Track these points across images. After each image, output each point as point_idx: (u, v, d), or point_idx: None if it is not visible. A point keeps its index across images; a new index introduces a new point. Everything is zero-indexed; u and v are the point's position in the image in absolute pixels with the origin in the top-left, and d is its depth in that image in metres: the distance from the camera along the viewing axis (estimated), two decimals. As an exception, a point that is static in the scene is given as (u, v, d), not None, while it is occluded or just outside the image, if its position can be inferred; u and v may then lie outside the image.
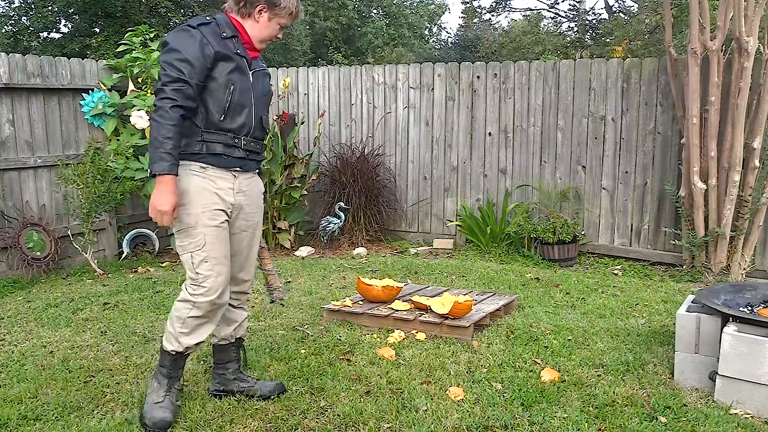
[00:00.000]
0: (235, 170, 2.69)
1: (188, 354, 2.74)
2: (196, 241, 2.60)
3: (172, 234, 6.64)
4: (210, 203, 2.61)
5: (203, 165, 2.62)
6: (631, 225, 5.78)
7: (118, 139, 5.64)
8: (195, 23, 2.60)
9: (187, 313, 2.63)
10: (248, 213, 2.78)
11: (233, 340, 2.93)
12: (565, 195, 5.94)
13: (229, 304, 2.83)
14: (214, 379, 2.94)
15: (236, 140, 2.66)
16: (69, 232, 5.42)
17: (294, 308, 4.26)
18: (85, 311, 4.25)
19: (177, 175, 2.51)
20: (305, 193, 6.39)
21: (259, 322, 3.98)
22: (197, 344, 2.69)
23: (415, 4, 19.53)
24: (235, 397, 2.87)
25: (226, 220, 2.68)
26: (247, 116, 2.68)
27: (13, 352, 3.52)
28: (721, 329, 2.84)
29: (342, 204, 6.27)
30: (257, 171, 2.87)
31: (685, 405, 2.80)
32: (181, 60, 2.49)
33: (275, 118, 6.39)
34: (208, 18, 2.68)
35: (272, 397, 2.86)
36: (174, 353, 2.69)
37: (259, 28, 2.69)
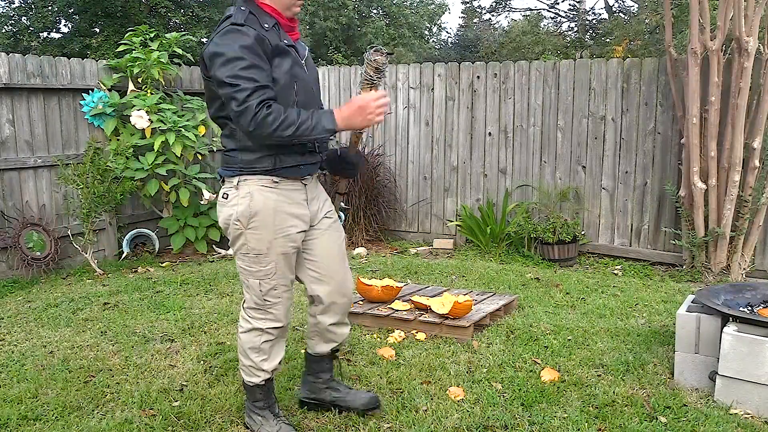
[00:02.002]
0: (306, 178, 2.43)
1: (275, 374, 2.61)
2: (266, 270, 2.38)
3: (173, 234, 6.59)
4: (285, 227, 2.36)
5: (276, 179, 2.34)
6: (631, 225, 5.78)
7: (118, 139, 5.64)
8: (241, 19, 2.23)
9: (259, 341, 2.47)
10: (326, 211, 2.57)
11: (328, 353, 2.71)
12: (565, 195, 5.94)
13: (334, 324, 2.60)
14: (304, 386, 2.77)
15: (311, 145, 2.38)
16: (69, 232, 5.42)
17: (294, 308, 4.26)
18: (85, 311, 4.25)
19: (329, 111, 2.25)
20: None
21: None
22: (280, 362, 2.56)
23: (415, 4, 19.52)
24: (326, 407, 2.73)
25: (300, 239, 2.44)
26: None
27: (13, 352, 3.52)
28: (721, 329, 2.84)
29: (342, 204, 6.27)
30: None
31: (685, 405, 2.80)
32: (247, 67, 2.16)
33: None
34: (243, 9, 2.29)
35: (367, 413, 2.66)
36: (263, 383, 2.54)
37: None
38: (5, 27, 11.95)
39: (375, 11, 18.10)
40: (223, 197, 2.38)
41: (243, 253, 2.39)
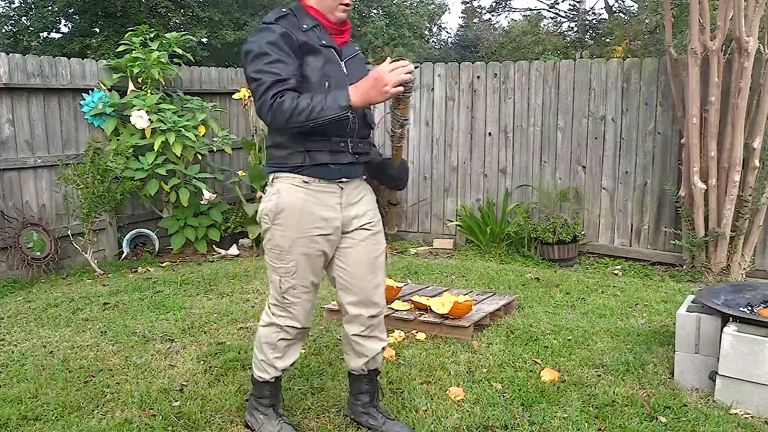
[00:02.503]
0: (342, 181, 2.38)
1: (284, 374, 2.60)
2: (287, 267, 2.38)
3: (173, 234, 6.58)
4: (309, 228, 2.34)
5: (306, 179, 2.33)
6: (631, 225, 5.78)
7: (118, 139, 5.64)
8: (273, 17, 2.30)
9: (276, 337, 2.47)
10: (364, 222, 2.47)
11: (365, 373, 2.62)
12: (565, 195, 5.94)
13: (359, 335, 2.53)
14: (347, 404, 2.74)
15: (342, 144, 2.33)
16: (69, 232, 5.42)
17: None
18: (85, 311, 4.25)
19: (346, 88, 2.19)
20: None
21: (258, 322, 3.97)
22: (293, 364, 2.54)
23: (415, 4, 19.52)
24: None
25: (329, 244, 2.40)
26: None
27: (13, 352, 3.52)
28: (721, 329, 2.84)
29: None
30: (364, 176, 2.53)
31: (685, 405, 2.80)
32: (271, 62, 2.19)
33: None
34: (284, 9, 2.35)
35: None
36: (272, 380, 2.54)
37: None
38: (5, 27, 11.96)
39: (375, 11, 18.09)
40: (263, 192, 2.43)
41: (269, 249, 2.41)
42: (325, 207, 2.36)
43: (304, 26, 2.29)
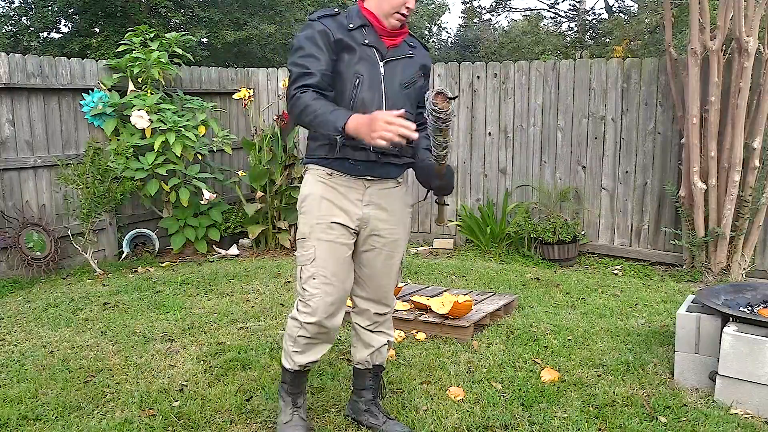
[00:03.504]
0: (367, 178, 2.40)
1: (308, 370, 2.58)
2: (307, 254, 2.38)
3: (173, 234, 6.58)
4: (327, 215, 2.37)
5: (329, 171, 2.38)
6: (631, 225, 5.78)
7: (118, 139, 5.64)
8: (317, 15, 2.38)
9: (296, 332, 2.43)
10: (383, 229, 2.46)
11: (370, 367, 2.64)
12: (565, 195, 5.94)
13: (365, 327, 2.59)
14: (348, 403, 2.75)
15: (361, 140, 2.29)
16: (69, 232, 5.42)
17: (294, 308, 4.26)
18: (85, 311, 4.25)
19: (352, 113, 2.20)
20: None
21: (259, 322, 3.98)
22: (313, 362, 2.51)
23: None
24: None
25: (349, 235, 2.41)
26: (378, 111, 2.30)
27: (13, 352, 3.52)
28: (721, 329, 2.84)
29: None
30: (398, 179, 2.51)
31: (685, 405, 2.80)
32: (304, 56, 2.29)
33: (275, 118, 6.40)
34: (336, 9, 2.43)
35: None
36: (292, 371, 2.52)
37: (380, 2, 2.36)
38: (5, 27, 11.95)
39: (375, 11, 18.11)
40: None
41: (297, 239, 2.47)
42: (346, 200, 2.39)
43: (351, 25, 2.36)
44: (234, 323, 3.97)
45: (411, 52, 2.47)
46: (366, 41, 2.36)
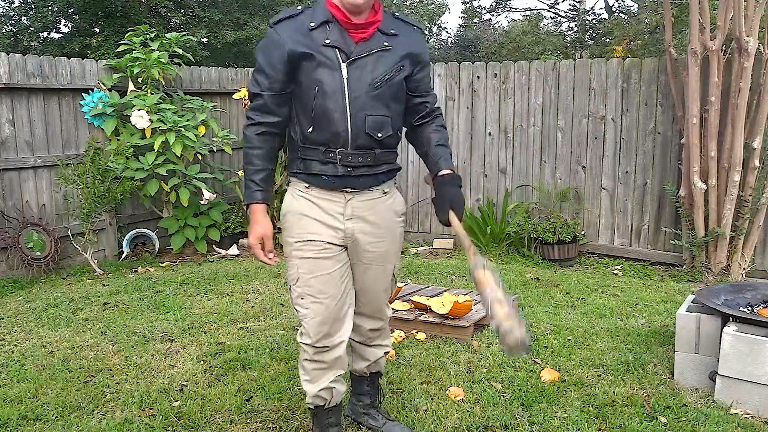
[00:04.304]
0: (347, 190, 2.23)
1: (333, 409, 2.39)
2: (292, 275, 2.28)
3: (173, 234, 6.59)
4: (305, 232, 2.23)
5: (306, 184, 2.25)
6: (631, 225, 5.78)
7: (118, 139, 5.64)
8: (276, 19, 2.19)
9: (302, 356, 2.33)
10: (370, 242, 2.30)
11: (367, 375, 2.59)
12: (565, 195, 5.94)
13: (360, 342, 2.51)
14: (348, 404, 2.70)
15: (331, 155, 2.18)
16: (69, 232, 5.42)
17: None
18: (85, 311, 4.25)
19: (264, 203, 2.22)
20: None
21: (259, 322, 3.98)
22: (320, 394, 2.33)
23: (415, 4, 19.52)
24: (362, 430, 2.65)
25: (335, 249, 2.25)
26: (337, 123, 2.15)
27: (13, 352, 3.52)
28: (721, 329, 2.84)
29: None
30: (383, 189, 2.31)
31: (685, 405, 2.81)
32: (257, 71, 2.20)
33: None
34: (299, 8, 2.22)
35: None
36: (311, 408, 2.39)
37: None
38: (5, 27, 11.94)
39: (375, 11, 18.10)
40: None
41: (284, 256, 2.35)
42: (326, 214, 2.24)
43: (312, 24, 2.15)
44: (234, 323, 3.97)
45: (387, 43, 2.20)
46: (327, 41, 2.13)
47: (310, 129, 2.18)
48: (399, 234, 2.41)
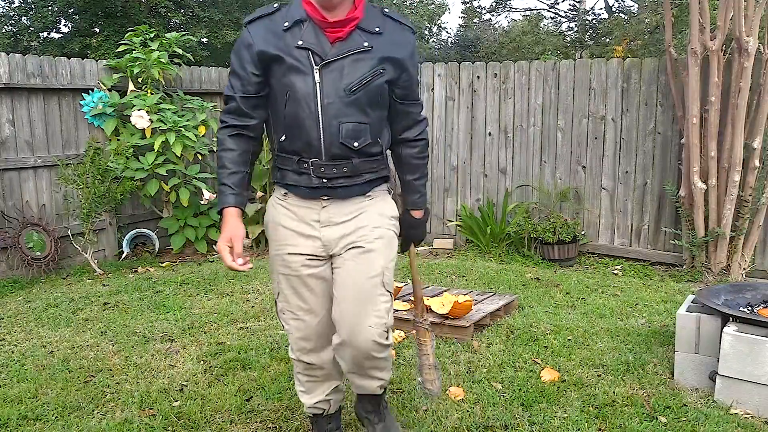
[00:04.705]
0: (324, 200, 2.10)
1: (330, 415, 2.36)
2: (274, 287, 2.19)
3: (173, 234, 6.57)
4: (283, 245, 2.12)
5: (284, 191, 2.14)
6: (631, 225, 5.78)
7: (118, 139, 5.64)
8: (249, 18, 2.05)
9: (295, 368, 2.30)
10: (356, 240, 2.10)
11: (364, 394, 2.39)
12: (565, 195, 5.94)
13: (348, 371, 2.24)
14: (354, 402, 2.54)
15: (304, 165, 2.05)
16: (69, 232, 5.42)
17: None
18: (85, 311, 4.25)
19: (237, 207, 2.06)
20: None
21: (259, 322, 3.98)
22: (321, 402, 2.30)
23: (415, 4, 19.52)
24: (361, 430, 2.55)
25: (315, 261, 2.12)
26: (308, 131, 2.00)
27: (13, 352, 3.52)
28: (721, 329, 2.84)
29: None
30: (367, 194, 2.14)
31: (685, 405, 2.80)
32: (231, 73, 2.07)
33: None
34: (275, 5, 2.06)
35: None
36: (310, 416, 2.37)
37: None
38: (5, 27, 11.94)
39: (375, 11, 18.08)
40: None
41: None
42: (302, 223, 2.11)
43: (286, 24, 1.99)
44: (234, 323, 3.97)
45: (367, 43, 2.00)
46: (299, 43, 1.97)
47: (283, 137, 2.05)
48: (389, 237, 2.16)
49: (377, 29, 2.03)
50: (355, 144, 2.04)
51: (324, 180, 2.05)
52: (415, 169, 2.25)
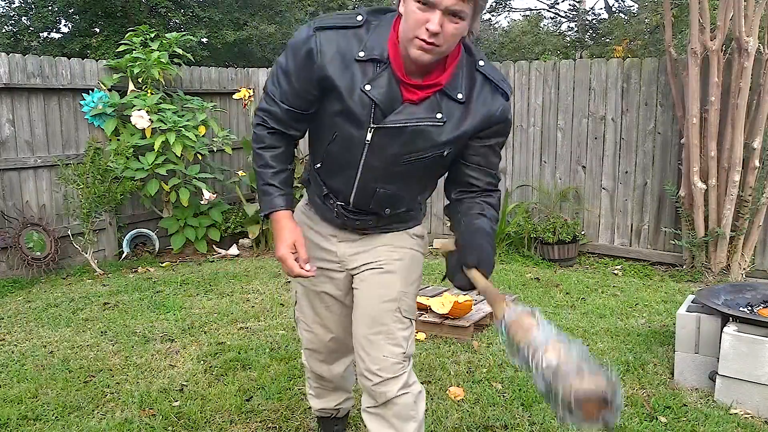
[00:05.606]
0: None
1: (337, 419, 2.39)
2: (293, 294, 2.11)
3: (173, 234, 6.56)
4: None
5: (308, 201, 2.01)
6: (631, 225, 5.78)
7: (118, 139, 5.64)
8: (322, 24, 1.69)
9: (306, 372, 2.31)
10: (367, 262, 1.94)
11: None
12: (565, 195, 5.94)
13: (365, 408, 2.06)
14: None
15: (331, 201, 1.88)
16: (69, 232, 5.42)
17: (294, 308, 4.26)
18: (85, 311, 4.25)
19: (289, 209, 1.85)
20: (305, 193, 6.38)
21: (259, 322, 3.98)
22: (325, 409, 2.32)
23: (415, 4, 19.52)
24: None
25: (331, 275, 2.00)
26: (346, 182, 1.81)
27: (13, 352, 3.52)
28: (721, 329, 2.84)
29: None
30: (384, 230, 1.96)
31: (685, 405, 2.81)
32: (281, 72, 1.75)
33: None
34: (359, 18, 1.68)
35: None
36: (316, 416, 2.41)
37: (403, 22, 1.60)
38: (5, 27, 11.94)
39: (375, 11, 18.07)
40: None
41: None
42: (318, 235, 1.98)
43: (361, 54, 1.65)
44: (234, 323, 3.97)
45: (440, 116, 1.67)
46: (367, 88, 1.64)
47: (319, 165, 1.86)
48: (413, 257, 1.97)
49: (460, 96, 1.68)
50: (387, 211, 1.87)
51: (345, 218, 1.90)
52: (486, 228, 1.92)
